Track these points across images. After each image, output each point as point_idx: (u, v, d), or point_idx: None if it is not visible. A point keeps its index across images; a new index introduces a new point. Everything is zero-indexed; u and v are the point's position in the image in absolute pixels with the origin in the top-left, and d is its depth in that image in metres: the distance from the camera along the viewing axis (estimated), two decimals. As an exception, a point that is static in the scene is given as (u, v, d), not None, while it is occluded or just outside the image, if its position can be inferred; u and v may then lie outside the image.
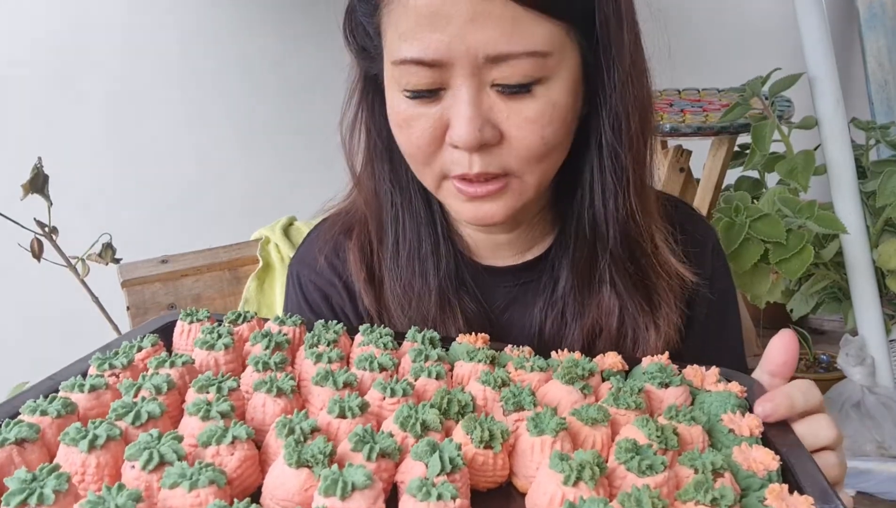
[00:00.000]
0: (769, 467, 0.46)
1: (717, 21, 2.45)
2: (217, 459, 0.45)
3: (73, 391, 0.52)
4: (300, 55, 2.00)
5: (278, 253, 1.39)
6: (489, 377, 0.55)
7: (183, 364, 0.57)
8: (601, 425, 0.49)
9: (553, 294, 0.75)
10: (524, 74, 0.59)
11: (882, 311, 1.73)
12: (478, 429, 0.46)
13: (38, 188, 1.19)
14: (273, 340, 0.61)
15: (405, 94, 0.62)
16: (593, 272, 0.72)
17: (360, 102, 0.74)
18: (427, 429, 0.48)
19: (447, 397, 0.51)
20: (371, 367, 0.57)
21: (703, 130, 1.70)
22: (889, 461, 1.61)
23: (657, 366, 0.58)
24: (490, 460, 0.46)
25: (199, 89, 2.03)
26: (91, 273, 1.28)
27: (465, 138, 0.60)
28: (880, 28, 2.26)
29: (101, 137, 1.95)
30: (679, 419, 0.50)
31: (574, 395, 0.53)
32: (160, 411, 0.49)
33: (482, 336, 0.63)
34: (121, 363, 0.58)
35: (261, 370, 0.56)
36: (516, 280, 0.77)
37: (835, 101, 1.67)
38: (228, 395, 0.52)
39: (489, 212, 0.65)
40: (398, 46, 0.61)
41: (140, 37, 1.95)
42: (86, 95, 1.92)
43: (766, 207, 1.52)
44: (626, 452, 0.44)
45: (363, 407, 0.50)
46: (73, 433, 0.44)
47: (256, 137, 2.09)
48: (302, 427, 0.46)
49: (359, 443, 0.44)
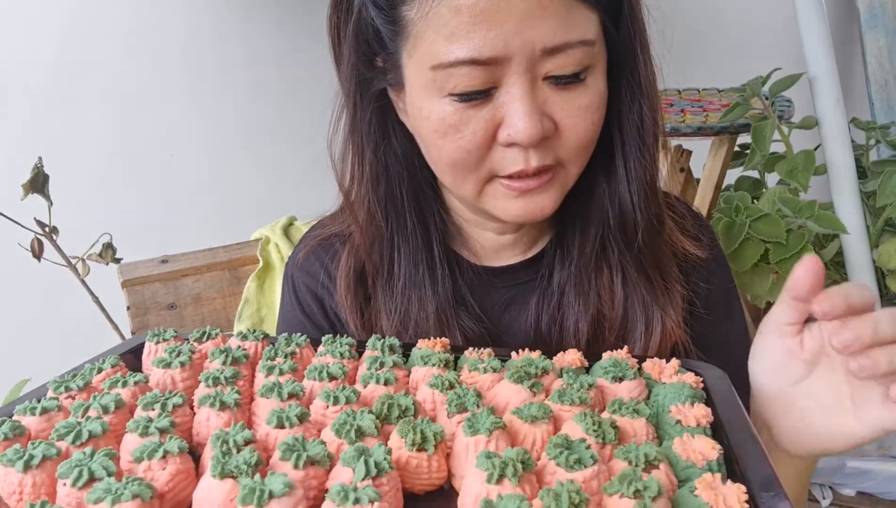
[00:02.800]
0: (708, 456, 0.45)
1: (717, 21, 2.45)
2: (148, 474, 0.45)
3: (26, 414, 0.53)
4: (301, 55, 2.00)
5: (278, 253, 1.39)
6: (437, 380, 0.54)
7: (135, 384, 0.57)
8: (541, 422, 0.49)
9: (549, 287, 0.75)
10: (578, 63, 0.60)
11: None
12: (410, 432, 0.46)
13: (38, 188, 1.19)
14: (231, 355, 0.60)
15: (453, 98, 0.61)
16: (599, 262, 0.72)
17: (353, 122, 0.72)
18: (363, 435, 0.47)
19: (388, 402, 0.51)
20: (321, 377, 0.57)
21: (703, 130, 1.70)
22: (889, 461, 1.61)
23: (612, 361, 0.58)
24: (424, 462, 0.46)
25: (200, 89, 2.03)
26: (91, 273, 1.28)
27: (528, 133, 0.59)
28: (880, 28, 2.26)
29: (101, 137, 1.95)
30: (622, 412, 0.50)
31: (523, 394, 0.53)
32: (102, 430, 0.49)
33: (441, 341, 0.63)
34: (77, 385, 0.57)
35: (211, 385, 0.56)
36: (515, 280, 0.77)
37: (835, 101, 1.67)
38: (174, 412, 0.52)
39: (539, 204, 0.65)
40: (445, 49, 0.59)
41: (141, 37, 1.95)
42: (86, 95, 1.92)
43: (766, 207, 1.52)
44: (555, 447, 0.44)
45: (302, 417, 0.49)
46: (10, 454, 0.45)
47: (257, 137, 2.09)
48: (235, 440, 0.46)
49: (287, 451, 0.44)
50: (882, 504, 1.57)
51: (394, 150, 0.72)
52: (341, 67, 0.70)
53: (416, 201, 0.74)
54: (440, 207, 0.76)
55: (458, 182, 0.66)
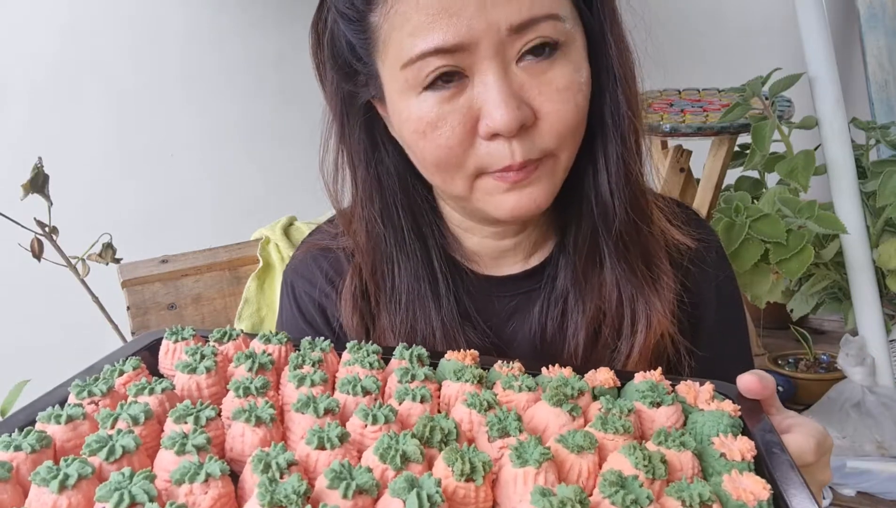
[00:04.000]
0: (759, 496, 0.44)
1: (717, 21, 2.45)
2: (190, 498, 0.43)
3: (50, 422, 0.50)
4: (301, 55, 2.00)
5: (278, 253, 1.39)
6: (475, 399, 0.53)
7: (163, 391, 0.55)
8: (588, 452, 0.47)
9: (552, 293, 0.74)
10: (547, 36, 0.59)
11: (882, 311, 1.73)
12: (458, 461, 0.45)
13: (38, 188, 1.19)
14: (257, 361, 0.59)
15: (427, 93, 0.60)
16: (594, 256, 0.71)
17: (342, 140, 0.72)
18: (407, 461, 0.46)
19: (430, 424, 0.49)
20: (354, 391, 0.55)
21: (703, 130, 1.70)
22: (889, 460, 1.61)
23: (648, 384, 0.56)
24: (472, 493, 0.45)
25: (200, 89, 2.03)
26: (91, 273, 1.28)
27: (504, 120, 0.58)
28: (881, 28, 2.26)
29: (101, 137, 1.95)
30: (668, 444, 0.48)
31: (562, 418, 0.52)
32: (135, 445, 0.47)
33: (471, 353, 0.61)
34: (100, 390, 0.55)
35: (242, 395, 0.54)
36: (518, 289, 0.76)
37: (835, 101, 1.67)
38: (206, 425, 0.50)
39: (532, 197, 0.64)
40: (411, 44, 0.59)
41: (141, 37, 1.95)
42: (86, 95, 1.92)
43: (767, 207, 1.52)
44: (610, 486, 0.43)
45: (343, 438, 0.48)
46: (44, 473, 0.43)
47: (257, 137, 2.09)
48: (278, 462, 0.44)
49: (335, 480, 0.43)
50: (882, 504, 1.57)
51: (385, 166, 0.72)
52: (325, 86, 0.70)
53: (413, 216, 0.73)
54: (437, 219, 0.75)
55: (447, 182, 0.65)
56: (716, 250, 0.80)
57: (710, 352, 0.77)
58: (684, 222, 0.78)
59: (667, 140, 1.91)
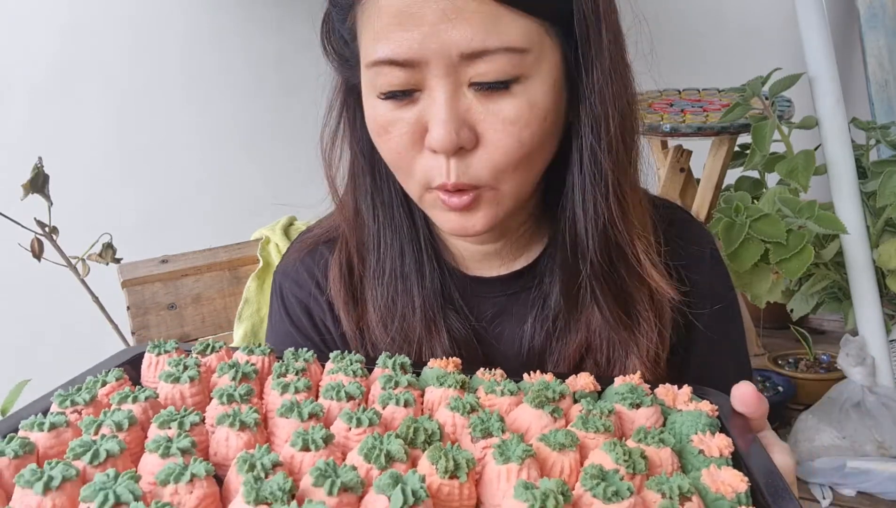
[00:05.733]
0: (737, 489, 0.45)
1: (717, 21, 2.45)
2: (175, 498, 0.44)
3: (33, 429, 0.51)
4: (301, 55, 2.00)
5: (278, 253, 1.39)
6: (458, 402, 0.54)
7: (146, 399, 0.56)
8: (569, 450, 0.48)
9: (544, 309, 0.73)
10: (501, 71, 0.57)
11: (882, 311, 1.73)
12: (443, 459, 0.45)
13: (38, 188, 1.19)
14: (240, 370, 0.59)
15: (381, 97, 0.61)
16: (577, 285, 0.70)
17: (341, 115, 0.73)
18: (392, 460, 0.47)
19: (413, 426, 0.50)
20: (338, 396, 0.56)
21: (703, 130, 1.70)
22: (889, 460, 1.61)
23: (628, 386, 0.57)
24: (456, 490, 0.45)
25: (200, 89, 2.03)
26: (91, 273, 1.28)
27: (441, 140, 0.58)
28: (881, 28, 2.26)
29: (101, 137, 1.95)
30: (648, 441, 0.49)
31: (544, 419, 0.53)
32: (119, 449, 0.48)
33: (453, 361, 0.62)
34: (83, 399, 0.56)
35: (226, 402, 0.54)
36: (505, 290, 0.75)
37: (835, 101, 1.67)
38: (191, 430, 0.51)
39: (469, 223, 0.64)
40: (373, 48, 0.59)
41: (141, 37, 1.95)
42: (86, 95, 1.92)
43: (767, 207, 1.52)
44: (591, 479, 0.44)
45: (327, 439, 0.49)
46: (28, 475, 0.43)
47: (257, 137, 2.09)
48: (263, 463, 0.45)
49: (320, 478, 0.43)
50: (882, 504, 1.57)
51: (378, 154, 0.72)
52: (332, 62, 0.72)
53: (404, 201, 0.74)
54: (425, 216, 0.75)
55: (405, 184, 0.66)
56: (710, 256, 0.78)
57: (704, 360, 0.76)
58: (678, 235, 0.75)
59: (667, 140, 1.91)
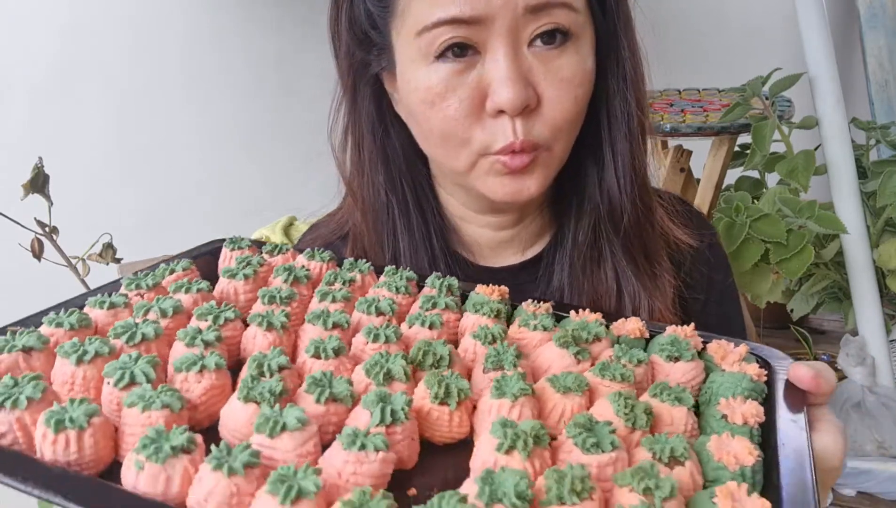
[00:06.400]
0: (742, 461, 0.41)
1: (717, 21, 2.45)
2: (185, 385, 0.47)
3: (95, 307, 0.56)
4: (301, 55, 2.00)
5: (278, 253, 1.39)
6: (482, 331, 0.54)
7: (198, 291, 0.59)
8: (574, 394, 0.47)
9: (548, 290, 0.74)
10: (559, 23, 0.61)
11: (882, 311, 1.73)
12: (436, 385, 0.46)
13: (39, 188, 1.19)
14: (293, 274, 0.62)
15: (439, 62, 0.62)
16: (594, 252, 0.72)
17: (352, 109, 0.73)
18: (391, 379, 0.48)
19: (424, 348, 0.50)
20: (369, 310, 0.57)
21: (703, 130, 1.70)
22: (889, 460, 1.61)
23: (671, 338, 0.54)
24: (445, 416, 0.46)
25: (200, 89, 2.03)
26: (91, 273, 1.28)
27: (511, 98, 0.60)
28: (881, 28, 2.26)
29: (101, 137, 1.95)
30: (663, 397, 0.47)
31: (566, 359, 0.51)
32: (155, 334, 0.52)
33: (500, 289, 0.61)
34: (147, 283, 0.60)
35: (266, 303, 0.57)
36: (515, 281, 0.77)
37: (835, 101, 1.67)
38: (225, 325, 0.54)
39: (525, 184, 0.65)
40: (429, 13, 0.60)
41: (142, 37, 1.95)
42: (86, 95, 1.92)
43: (767, 207, 1.52)
44: (576, 427, 0.42)
45: (338, 350, 0.50)
46: (67, 347, 0.48)
47: (257, 137, 2.09)
48: (270, 364, 0.48)
49: (313, 385, 0.46)
50: (882, 504, 1.57)
51: (392, 142, 0.74)
52: (339, 55, 0.72)
53: (415, 194, 0.75)
54: (437, 206, 0.77)
55: (450, 156, 0.66)
56: (715, 246, 0.81)
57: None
58: (685, 219, 0.79)
59: (667, 140, 1.91)
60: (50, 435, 0.41)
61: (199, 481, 0.38)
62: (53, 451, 0.41)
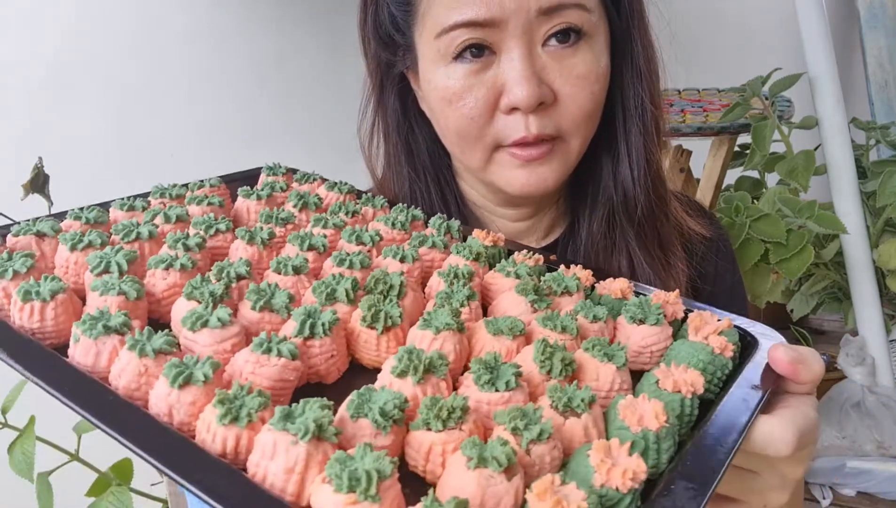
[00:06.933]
0: (647, 424, 0.39)
1: (717, 21, 2.45)
2: (152, 280, 0.51)
3: (118, 208, 0.63)
4: (302, 54, 2.00)
5: (278, 253, 1.39)
6: (451, 270, 0.55)
7: (209, 204, 0.64)
8: (505, 337, 0.48)
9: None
10: (572, 23, 0.63)
11: (882, 311, 1.73)
12: (367, 309, 0.48)
13: (39, 188, 1.19)
14: (303, 200, 0.66)
15: (456, 63, 0.64)
16: (606, 242, 0.75)
17: (378, 107, 0.77)
18: (334, 300, 0.50)
19: (378, 277, 0.52)
20: (351, 239, 0.60)
21: (703, 130, 1.70)
22: (889, 460, 1.61)
23: (638, 300, 0.52)
24: (373, 340, 0.48)
25: (201, 89, 2.03)
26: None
27: (524, 96, 0.62)
28: (881, 28, 2.26)
29: (101, 136, 1.95)
30: (593, 352, 0.46)
31: (521, 306, 0.52)
32: (149, 235, 0.56)
33: (495, 236, 0.63)
34: (170, 194, 0.66)
35: (263, 222, 0.62)
36: None
37: (835, 101, 1.67)
38: (215, 236, 0.59)
39: (542, 176, 0.67)
40: (446, 16, 0.63)
41: (141, 36, 1.95)
42: (86, 94, 1.92)
43: (767, 207, 1.52)
44: (478, 364, 0.43)
45: (298, 269, 0.53)
46: (68, 236, 0.55)
47: (258, 137, 2.09)
48: (229, 271, 0.51)
49: (251, 294, 0.48)
50: (882, 504, 1.57)
51: (416, 136, 0.78)
52: (368, 55, 0.75)
53: (439, 186, 0.78)
54: (460, 197, 0.80)
55: (466, 152, 0.69)
56: (724, 242, 0.84)
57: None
58: (697, 213, 0.82)
59: (667, 140, 1.91)
60: (18, 303, 0.47)
61: (118, 359, 0.42)
62: (20, 318, 0.47)
